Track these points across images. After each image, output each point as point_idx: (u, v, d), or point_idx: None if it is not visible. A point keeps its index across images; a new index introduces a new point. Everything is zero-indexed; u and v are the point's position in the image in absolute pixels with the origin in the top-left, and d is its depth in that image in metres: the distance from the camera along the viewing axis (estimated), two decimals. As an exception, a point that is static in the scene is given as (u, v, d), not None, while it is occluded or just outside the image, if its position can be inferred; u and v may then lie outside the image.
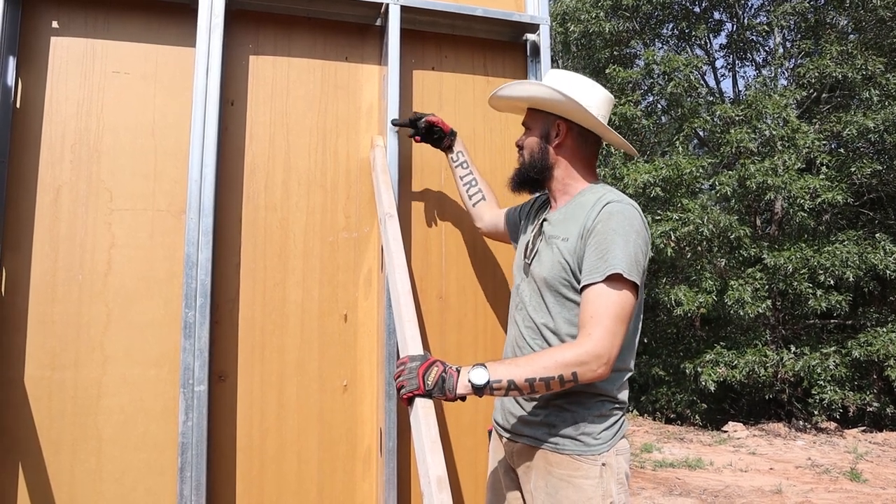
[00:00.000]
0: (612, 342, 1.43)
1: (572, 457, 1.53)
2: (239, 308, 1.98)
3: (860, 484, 6.18)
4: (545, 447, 1.57)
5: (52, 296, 1.83)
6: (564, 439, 1.55)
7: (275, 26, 2.14)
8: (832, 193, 8.72)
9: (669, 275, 10.15)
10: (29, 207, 1.85)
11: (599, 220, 1.53)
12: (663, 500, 5.51)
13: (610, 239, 1.49)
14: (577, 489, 1.50)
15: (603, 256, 1.48)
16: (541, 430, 1.58)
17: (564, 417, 1.55)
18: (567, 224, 1.63)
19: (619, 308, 1.46)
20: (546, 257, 1.64)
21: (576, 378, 1.42)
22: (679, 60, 10.01)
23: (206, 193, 1.90)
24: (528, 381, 1.42)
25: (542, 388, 1.43)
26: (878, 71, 9.25)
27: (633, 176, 9.14)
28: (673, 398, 10.20)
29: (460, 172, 2.09)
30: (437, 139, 2.08)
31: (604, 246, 1.49)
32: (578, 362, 1.41)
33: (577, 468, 1.52)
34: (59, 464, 1.79)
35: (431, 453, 1.32)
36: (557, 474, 1.53)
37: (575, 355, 1.42)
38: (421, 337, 1.56)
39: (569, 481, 1.51)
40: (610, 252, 1.48)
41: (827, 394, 8.78)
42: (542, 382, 1.42)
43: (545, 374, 1.42)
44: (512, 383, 1.42)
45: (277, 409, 1.98)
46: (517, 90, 1.77)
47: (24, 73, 1.89)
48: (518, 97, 1.78)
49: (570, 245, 1.57)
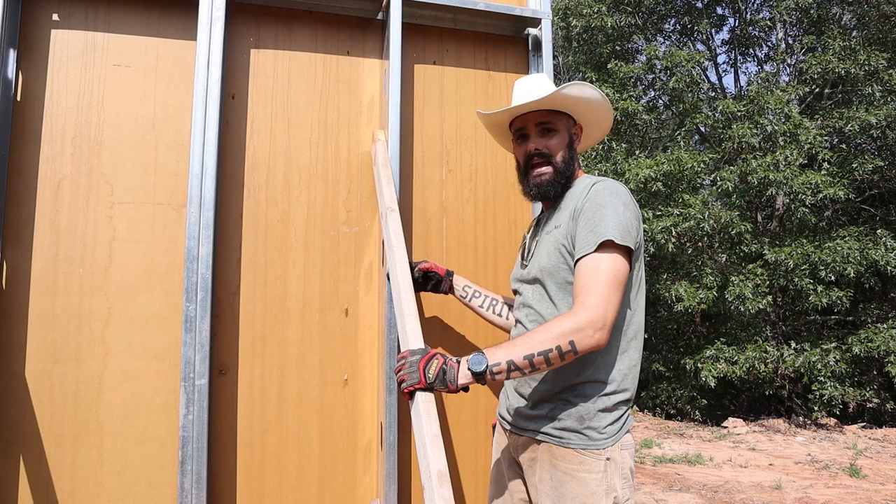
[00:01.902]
0: (607, 307, 1.43)
1: (577, 451, 1.52)
2: (240, 302, 1.98)
3: (860, 480, 6.19)
4: (550, 440, 1.56)
5: (53, 289, 1.83)
6: (569, 433, 1.54)
7: (276, 20, 2.14)
8: (834, 189, 8.71)
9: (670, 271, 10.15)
10: (30, 201, 1.85)
11: (588, 199, 1.55)
12: (663, 496, 5.53)
13: (599, 213, 1.51)
14: (581, 483, 1.50)
15: (593, 229, 1.49)
16: (546, 423, 1.58)
17: (569, 411, 1.54)
18: (559, 214, 1.65)
19: (610, 275, 1.45)
20: (542, 249, 1.65)
21: (574, 347, 1.40)
22: (681, 56, 9.99)
23: (206, 187, 1.89)
24: (527, 358, 1.40)
25: (543, 363, 1.41)
26: (881, 66, 9.24)
27: (634, 171, 9.13)
28: (673, 394, 10.23)
29: (476, 303, 1.99)
30: (435, 284, 1.99)
31: (594, 220, 1.51)
32: (574, 329, 1.40)
33: (581, 462, 1.51)
34: (61, 457, 1.79)
35: (432, 447, 1.32)
36: (562, 468, 1.53)
37: (570, 324, 1.41)
38: (422, 331, 1.56)
39: (573, 475, 1.51)
40: (600, 224, 1.49)
41: (827, 390, 8.79)
42: (541, 357, 1.40)
43: (543, 347, 1.40)
44: (512, 364, 1.41)
45: (278, 403, 1.98)
46: (579, 90, 1.66)
47: (25, 66, 1.89)
48: (578, 97, 1.68)
49: (563, 229, 1.59)
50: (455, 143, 2.25)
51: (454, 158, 2.24)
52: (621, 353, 1.58)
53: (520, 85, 1.77)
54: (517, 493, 1.71)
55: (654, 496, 5.50)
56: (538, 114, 1.70)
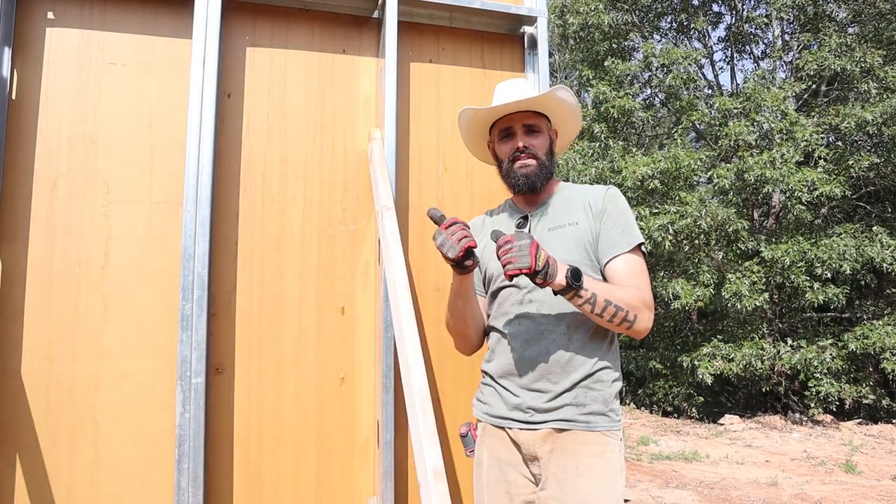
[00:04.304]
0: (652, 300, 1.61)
1: (604, 433, 1.60)
2: (236, 300, 1.98)
3: (855, 476, 6.22)
4: (576, 427, 1.60)
5: (48, 288, 1.83)
6: (596, 416, 1.60)
7: (272, 18, 2.13)
8: (830, 186, 8.72)
9: (667, 268, 10.16)
10: (25, 199, 1.85)
11: (609, 202, 1.69)
12: (660, 493, 5.54)
13: (626, 216, 1.69)
14: (608, 463, 1.58)
15: (624, 231, 1.66)
16: (570, 411, 1.60)
17: (594, 396, 1.61)
18: (567, 213, 1.72)
19: (646, 274, 1.65)
20: (559, 243, 1.67)
21: (634, 322, 1.55)
22: (677, 53, 9.99)
23: (202, 185, 1.89)
24: (607, 301, 1.51)
25: (611, 316, 1.52)
26: (877, 63, 9.25)
27: (631, 168, 9.14)
28: (670, 391, 10.25)
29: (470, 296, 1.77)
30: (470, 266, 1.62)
31: (622, 222, 1.67)
32: (643, 306, 1.56)
33: (606, 444, 1.59)
34: (57, 456, 1.79)
35: (428, 445, 1.32)
36: (590, 452, 1.58)
37: (641, 301, 1.56)
38: (418, 329, 1.56)
39: (601, 457, 1.58)
40: (630, 226, 1.67)
41: (823, 387, 8.81)
42: (613, 309, 1.52)
43: (621, 303, 1.53)
44: (594, 297, 1.50)
45: (275, 402, 1.98)
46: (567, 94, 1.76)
47: (20, 65, 1.89)
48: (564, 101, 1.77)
49: (584, 227, 1.68)
50: (451, 141, 2.25)
51: (450, 156, 2.24)
52: (617, 345, 1.72)
53: (504, 87, 1.82)
54: (518, 497, 1.65)
55: (651, 493, 5.52)
56: (525, 115, 1.75)
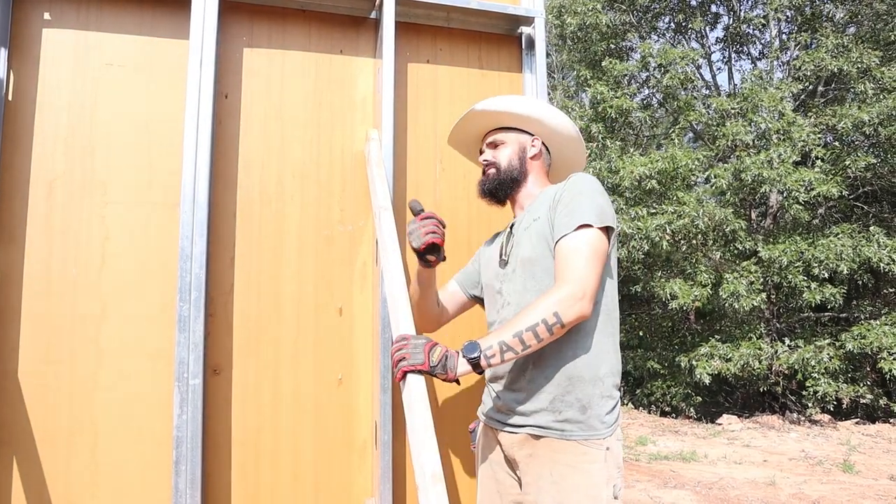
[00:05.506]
0: (587, 278, 1.49)
1: (579, 442, 1.53)
2: (233, 301, 1.98)
3: (853, 475, 6.23)
4: (550, 434, 1.56)
5: (46, 289, 1.83)
6: (571, 424, 1.54)
7: (269, 19, 2.13)
8: (827, 186, 8.75)
9: (665, 268, 10.17)
10: (22, 201, 1.84)
11: (566, 189, 1.64)
12: (658, 493, 5.55)
13: (576, 200, 1.59)
14: (585, 474, 1.51)
15: (571, 213, 1.57)
16: (545, 416, 1.57)
17: (569, 400, 1.55)
18: (535, 211, 1.71)
19: (590, 249, 1.52)
20: (525, 241, 1.68)
21: (560, 319, 1.45)
22: (675, 53, 10.01)
23: (200, 186, 1.89)
24: (516, 335, 1.45)
25: (532, 339, 1.45)
26: (874, 64, 9.27)
27: (628, 168, 9.15)
28: (668, 391, 10.27)
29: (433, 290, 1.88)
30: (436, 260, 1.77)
31: (571, 206, 1.58)
32: (557, 301, 1.46)
33: (584, 453, 1.52)
34: (55, 458, 1.78)
35: (426, 446, 1.32)
36: (564, 461, 1.53)
37: (553, 298, 1.47)
38: (415, 331, 1.56)
39: (576, 467, 1.52)
40: (577, 209, 1.57)
41: (821, 386, 8.83)
42: (529, 333, 1.45)
43: (529, 323, 1.45)
44: (503, 344, 1.45)
45: (272, 403, 1.98)
46: (509, 107, 1.79)
47: (16, 66, 1.88)
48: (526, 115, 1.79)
49: (543, 220, 1.66)
50: (449, 141, 2.25)
51: (448, 157, 2.24)
52: (607, 336, 1.63)
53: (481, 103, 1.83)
54: (507, 496, 1.68)
55: (649, 493, 5.52)
56: (491, 132, 1.86)
